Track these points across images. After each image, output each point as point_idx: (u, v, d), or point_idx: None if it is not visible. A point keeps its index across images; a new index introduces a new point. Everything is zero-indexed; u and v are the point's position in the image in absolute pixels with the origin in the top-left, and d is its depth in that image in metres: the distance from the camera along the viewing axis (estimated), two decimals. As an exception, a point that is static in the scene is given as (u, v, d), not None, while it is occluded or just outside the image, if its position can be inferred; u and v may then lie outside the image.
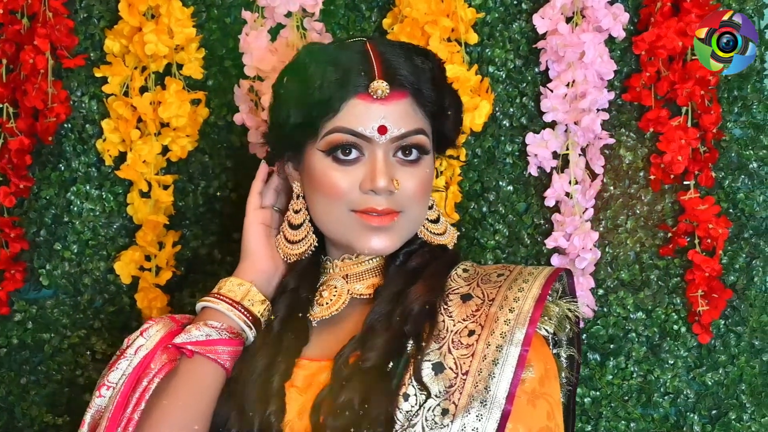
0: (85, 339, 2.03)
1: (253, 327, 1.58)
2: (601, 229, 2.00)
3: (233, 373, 1.55)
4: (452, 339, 1.48)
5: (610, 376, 1.99)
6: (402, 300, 1.52)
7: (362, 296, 1.59)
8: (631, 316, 1.99)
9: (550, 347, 1.59)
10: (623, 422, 1.99)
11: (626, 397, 1.99)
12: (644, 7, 1.99)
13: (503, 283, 1.53)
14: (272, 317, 1.60)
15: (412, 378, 1.45)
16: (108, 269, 2.03)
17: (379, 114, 1.51)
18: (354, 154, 1.53)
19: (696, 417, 1.99)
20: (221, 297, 1.59)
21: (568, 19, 1.96)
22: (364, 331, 1.51)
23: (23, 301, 2.04)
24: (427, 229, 1.61)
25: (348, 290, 1.59)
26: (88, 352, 2.03)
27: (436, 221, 1.62)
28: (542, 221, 2.01)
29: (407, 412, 1.44)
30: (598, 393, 1.99)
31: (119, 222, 2.04)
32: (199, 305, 1.60)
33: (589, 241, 1.94)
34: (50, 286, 2.04)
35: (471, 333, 1.48)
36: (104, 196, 2.03)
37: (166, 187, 1.99)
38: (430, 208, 1.61)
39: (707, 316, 1.95)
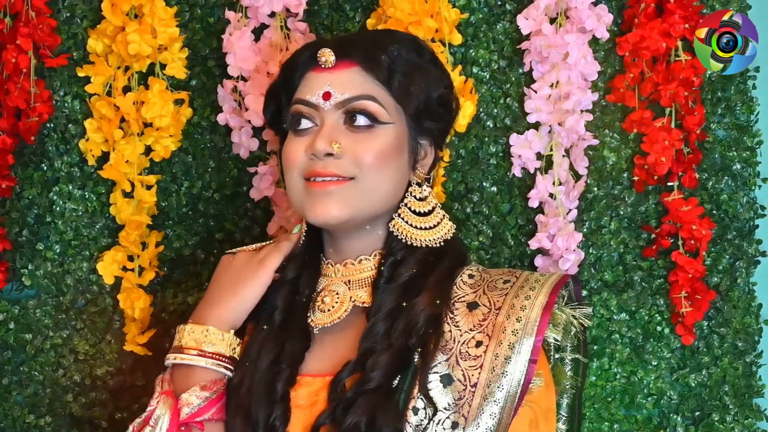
0: (67, 340, 2.02)
1: (234, 368, 1.56)
2: (585, 230, 2.00)
3: (235, 378, 1.55)
4: (459, 350, 1.47)
5: (594, 378, 1.99)
6: (403, 314, 1.49)
7: (364, 304, 1.55)
8: (615, 317, 1.99)
9: (552, 352, 1.58)
10: (606, 423, 1.99)
11: (609, 399, 1.99)
12: (628, 8, 1.99)
13: (509, 290, 1.51)
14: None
15: (420, 391, 1.44)
16: (91, 269, 2.02)
17: (325, 81, 1.54)
18: (307, 123, 1.55)
19: (679, 418, 1.99)
20: (206, 354, 1.54)
21: (552, 20, 1.96)
22: (361, 354, 1.48)
23: (5, 302, 2.03)
24: (405, 220, 1.56)
25: (350, 297, 1.56)
26: (71, 353, 2.02)
27: (425, 214, 1.57)
28: (526, 222, 2.01)
29: (416, 426, 1.43)
30: (581, 394, 1.99)
31: (102, 222, 2.03)
32: (184, 361, 1.55)
33: (572, 242, 1.94)
34: (32, 286, 2.03)
35: (479, 344, 1.47)
36: (87, 196, 2.03)
37: (149, 188, 1.98)
38: (423, 199, 1.57)
39: (690, 317, 1.95)
